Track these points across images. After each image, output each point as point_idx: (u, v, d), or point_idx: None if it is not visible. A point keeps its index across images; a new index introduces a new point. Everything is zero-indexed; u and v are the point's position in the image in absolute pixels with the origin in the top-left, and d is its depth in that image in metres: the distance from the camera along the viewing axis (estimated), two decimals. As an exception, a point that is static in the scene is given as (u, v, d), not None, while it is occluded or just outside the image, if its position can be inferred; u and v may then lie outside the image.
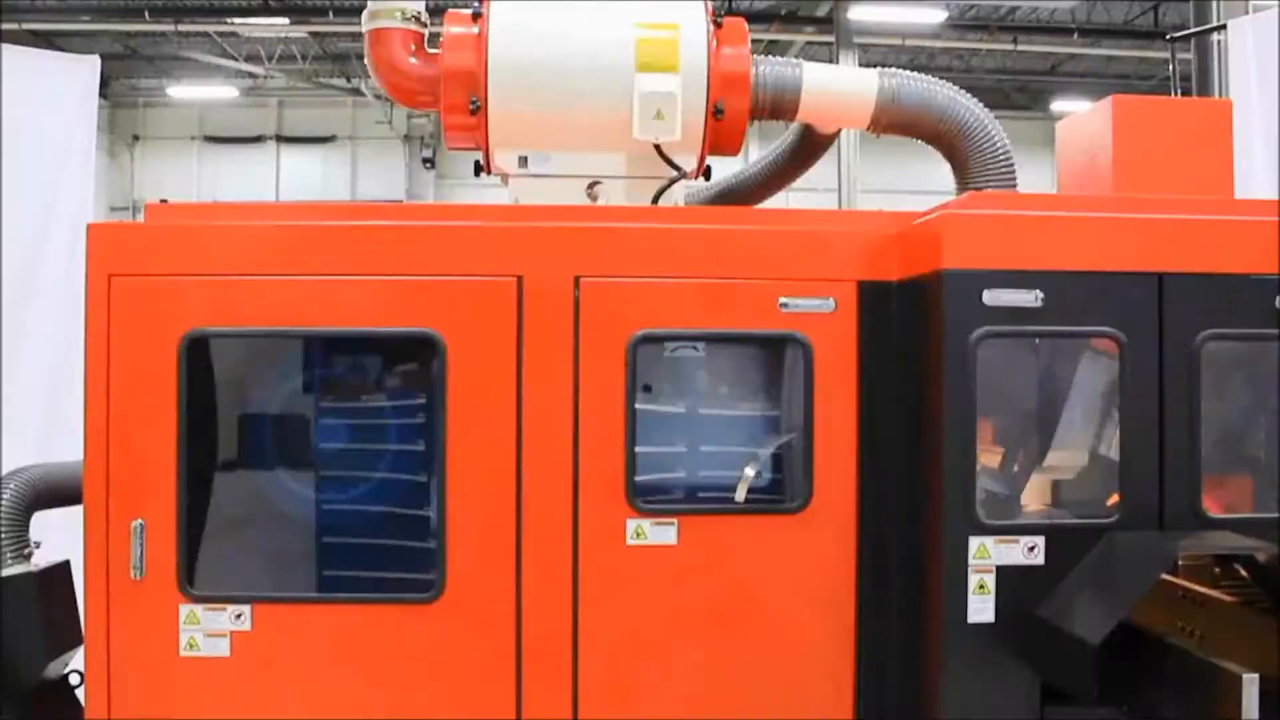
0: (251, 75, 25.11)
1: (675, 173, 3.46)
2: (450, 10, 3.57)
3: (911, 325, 3.13)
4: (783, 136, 4.07)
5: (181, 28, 20.93)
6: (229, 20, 21.17)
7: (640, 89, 3.35)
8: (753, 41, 3.65)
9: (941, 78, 3.74)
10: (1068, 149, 3.71)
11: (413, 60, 3.58)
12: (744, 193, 4.15)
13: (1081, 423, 3.26)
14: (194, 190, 26.40)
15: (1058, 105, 25.33)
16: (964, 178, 3.66)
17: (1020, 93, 26.28)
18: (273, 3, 20.91)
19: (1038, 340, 3.15)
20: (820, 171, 4.34)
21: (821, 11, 20.86)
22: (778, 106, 3.61)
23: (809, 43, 22.44)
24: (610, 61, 3.39)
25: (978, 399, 2.96)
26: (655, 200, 3.46)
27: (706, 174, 3.68)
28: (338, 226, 3.16)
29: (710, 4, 3.60)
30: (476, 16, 3.46)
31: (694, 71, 3.40)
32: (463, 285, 3.11)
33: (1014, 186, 3.63)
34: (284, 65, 24.82)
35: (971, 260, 2.98)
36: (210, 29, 21.85)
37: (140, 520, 3.06)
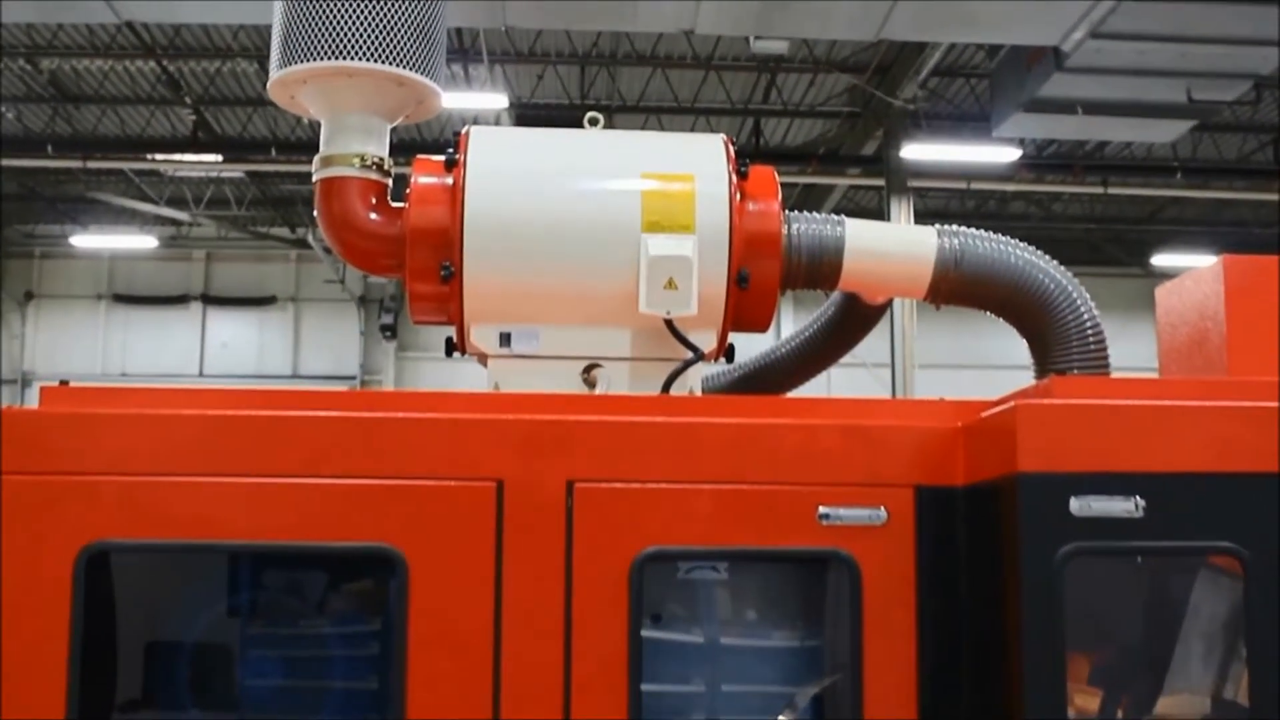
0: (174, 222, 25.73)
1: (691, 354, 3.53)
2: (420, 157, 3.69)
3: (982, 540, 3.14)
4: (822, 308, 4.16)
5: (91, 164, 21.47)
6: (149, 156, 21.70)
7: (648, 253, 3.45)
8: (786, 186, 3.76)
9: (1016, 228, 3.87)
10: (1170, 319, 3.79)
11: (373, 216, 3.69)
12: (775, 377, 4.23)
13: (1200, 659, 3.24)
14: (99, 361, 26.73)
15: (1159, 259, 25.79)
16: (1044, 357, 3.73)
17: (1113, 244, 26.78)
18: (202, 136, 21.49)
19: (1140, 558, 3.16)
20: (869, 344, 4.42)
21: (868, 149, 21.39)
22: (815, 273, 3.71)
23: (854, 187, 23.00)
24: (612, 219, 3.51)
25: (1067, 630, 2.95)
26: (666, 388, 3.53)
27: (729, 355, 3.75)
28: (276, 418, 3.21)
29: (732, 147, 3.72)
30: (451, 165, 3.59)
31: (713, 231, 3.52)
32: (429, 491, 3.14)
33: (1105, 368, 3.70)
34: (214, 211, 25.44)
35: (1055, 461, 3.01)
36: (126, 166, 22.42)
37: (19, 782, 3.03)
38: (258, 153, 21.70)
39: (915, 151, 19.88)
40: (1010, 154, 20.21)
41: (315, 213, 3.78)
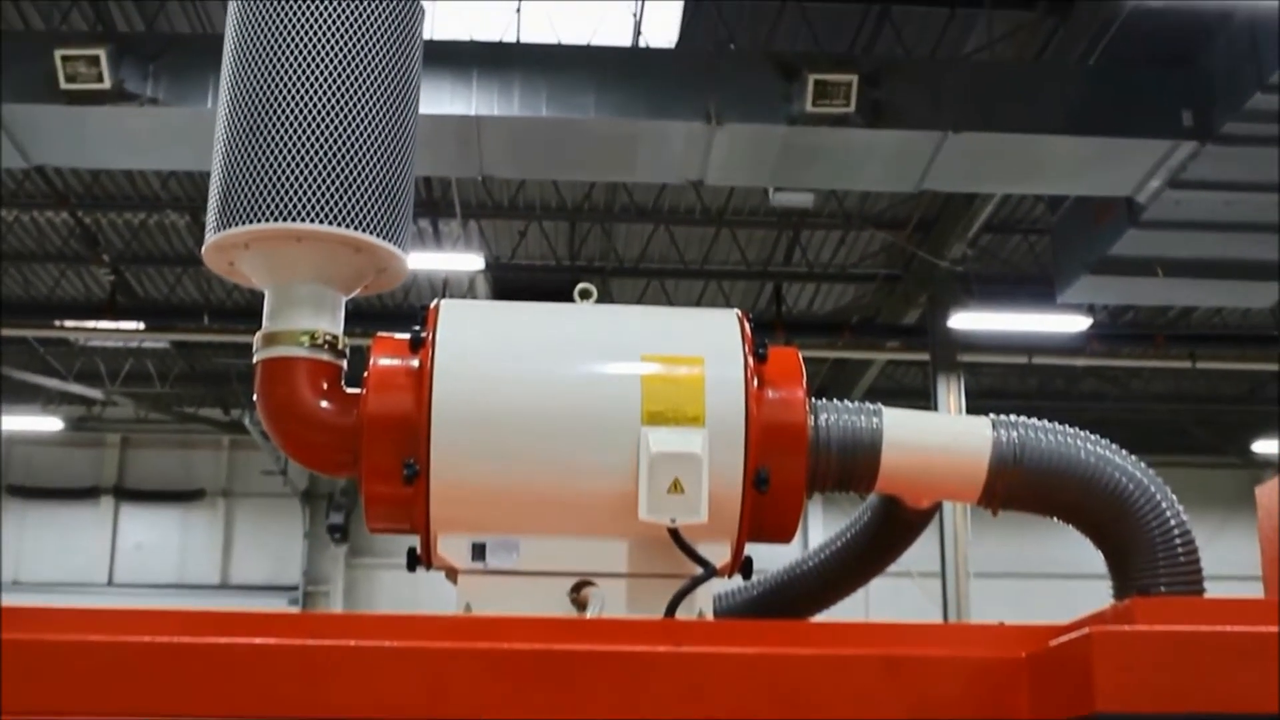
0: (84, 400, 25.84)
1: (700, 569, 3.52)
2: (380, 335, 3.72)
3: (1055, 797, 3.11)
4: (858, 512, 4.16)
5: (-13, 332, 21.58)
6: (57, 322, 21.88)
7: (649, 449, 3.45)
8: (813, 362, 3.80)
9: (1088, 410, 3.91)
10: (1275, 522, 3.78)
11: (323, 404, 3.69)
12: (802, 596, 4.20)
13: None
14: (-13, 566, 26.52)
15: (1260, 446, 25.84)
16: (1123, 573, 3.71)
17: (1204, 429, 26.90)
18: (121, 299, 21.67)
19: (1247, 821, 3.12)
20: (915, 549, 4.41)
21: (910, 318, 21.56)
22: (848, 472, 3.72)
23: (893, 362, 23.12)
24: (606, 409, 3.53)
25: None
26: (671, 610, 3.50)
27: (746, 570, 3.74)
28: (198, 646, 3.19)
29: (749, 323, 3.74)
30: (417, 344, 3.61)
31: (726, 424, 3.53)
32: (385, 736, 3.12)
33: (1198, 586, 3.67)
34: (132, 387, 25.56)
35: (1139, 700, 2.98)
36: (29, 334, 22.60)
37: None
38: (186, 320, 21.89)
39: (965, 321, 20.05)
40: (1078, 323, 20.41)
41: (255, 398, 3.78)
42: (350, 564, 27.35)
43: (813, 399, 3.72)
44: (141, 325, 21.75)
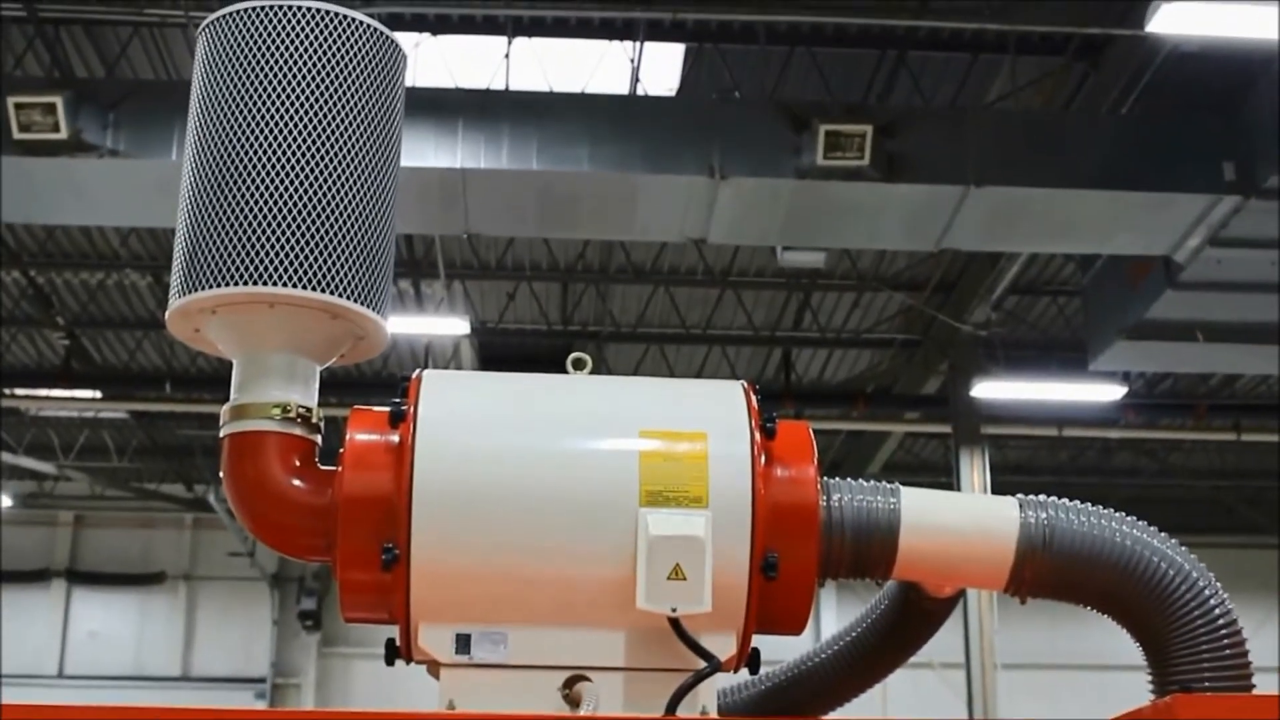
0: (35, 475, 25.77)
1: (704, 663, 3.50)
2: (357, 407, 3.71)
3: None
4: (874, 600, 4.16)
5: (-68, 404, 21.56)
6: (6, 390, 21.86)
7: (648, 532, 3.45)
8: (826, 435, 3.80)
9: (1123, 486, 3.91)
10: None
11: (296, 482, 3.68)
12: (814, 692, 4.19)
13: None
14: (-72, 658, 26.40)
15: (1312, 527, 25.69)
16: (1164, 667, 3.69)
17: (1250, 507, 26.83)
18: (76, 366, 21.66)
19: None
20: (938, 638, 4.40)
21: (930, 387, 21.55)
22: (863, 557, 3.71)
23: (912, 435, 23.09)
24: (601, 490, 3.52)
25: None
26: (672, 707, 3.49)
27: (753, 663, 3.73)
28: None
29: (756, 396, 3.74)
30: (398, 418, 3.60)
31: (731, 505, 3.52)
32: (361, 845, 3.11)
33: (1246, 680, 3.66)
34: (87, 461, 25.48)
35: (1181, 807, 2.98)
36: (-24, 404, 22.54)
37: None
38: (147, 389, 21.85)
39: (990, 390, 20.03)
40: (1112, 392, 20.40)
41: (221, 474, 3.75)
42: (323, 654, 27.21)
43: (825, 477, 3.72)
44: (98, 394, 21.71)
